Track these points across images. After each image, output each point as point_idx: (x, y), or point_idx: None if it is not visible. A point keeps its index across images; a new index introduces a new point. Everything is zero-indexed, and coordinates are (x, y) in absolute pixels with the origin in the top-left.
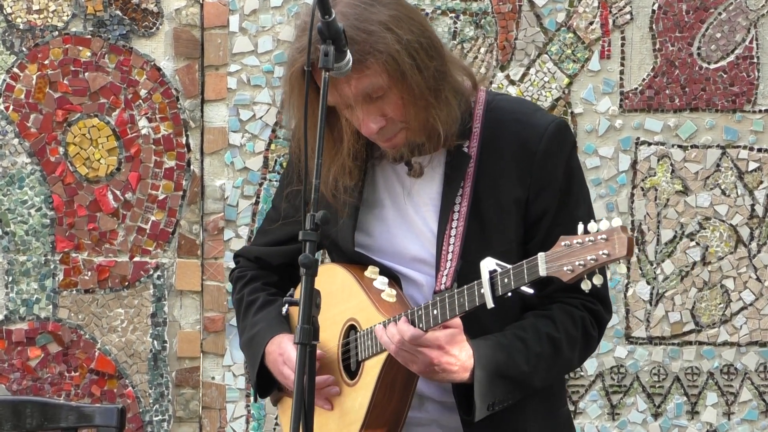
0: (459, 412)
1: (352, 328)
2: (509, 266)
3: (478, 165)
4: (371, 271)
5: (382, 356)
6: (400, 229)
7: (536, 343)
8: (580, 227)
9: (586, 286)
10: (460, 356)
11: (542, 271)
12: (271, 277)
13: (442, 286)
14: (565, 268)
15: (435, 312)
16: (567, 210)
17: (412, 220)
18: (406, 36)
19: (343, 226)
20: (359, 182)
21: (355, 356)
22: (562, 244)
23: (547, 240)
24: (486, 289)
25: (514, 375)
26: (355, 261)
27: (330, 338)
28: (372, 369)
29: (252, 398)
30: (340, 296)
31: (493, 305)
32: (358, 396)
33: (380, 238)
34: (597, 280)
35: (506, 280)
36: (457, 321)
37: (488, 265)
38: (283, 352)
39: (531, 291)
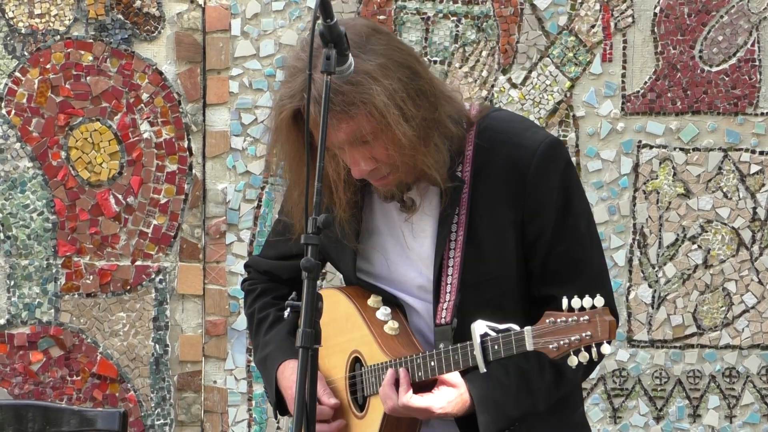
0: None
1: (357, 360)
2: (500, 329)
3: (472, 190)
4: (374, 301)
5: None
6: (399, 257)
7: (539, 377)
8: (565, 302)
9: (572, 362)
10: (452, 410)
11: (529, 346)
12: (281, 289)
13: (443, 320)
14: (550, 346)
15: (432, 364)
16: (566, 227)
17: (410, 248)
18: (394, 85)
19: (345, 256)
20: (357, 211)
21: (362, 390)
22: (547, 321)
23: (548, 258)
24: (478, 354)
25: (517, 414)
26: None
27: (337, 367)
28: (378, 405)
29: (273, 415)
30: (344, 326)
31: (485, 370)
32: (366, 430)
33: (380, 266)
34: (582, 357)
35: (496, 347)
36: (455, 380)
37: (479, 329)
38: (291, 385)
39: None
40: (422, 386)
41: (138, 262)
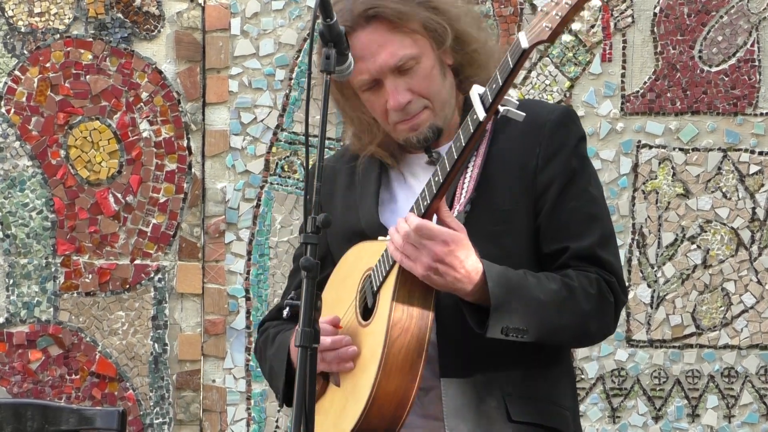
0: (472, 325)
1: (368, 277)
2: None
3: (491, 142)
4: (383, 239)
5: (393, 274)
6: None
7: (551, 281)
8: None
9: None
10: (465, 262)
11: (524, 43)
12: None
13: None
14: (545, 27)
15: (437, 179)
16: (580, 185)
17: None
18: (454, 11)
19: (365, 206)
20: (380, 176)
21: (371, 291)
22: (540, 8)
23: (559, 212)
24: (475, 100)
25: (528, 300)
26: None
27: (350, 298)
28: (386, 298)
29: (278, 406)
30: (355, 265)
31: (484, 115)
32: (374, 329)
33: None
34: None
35: (494, 86)
36: (461, 226)
37: (477, 89)
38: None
39: (523, 114)
40: None
41: (137, 261)
